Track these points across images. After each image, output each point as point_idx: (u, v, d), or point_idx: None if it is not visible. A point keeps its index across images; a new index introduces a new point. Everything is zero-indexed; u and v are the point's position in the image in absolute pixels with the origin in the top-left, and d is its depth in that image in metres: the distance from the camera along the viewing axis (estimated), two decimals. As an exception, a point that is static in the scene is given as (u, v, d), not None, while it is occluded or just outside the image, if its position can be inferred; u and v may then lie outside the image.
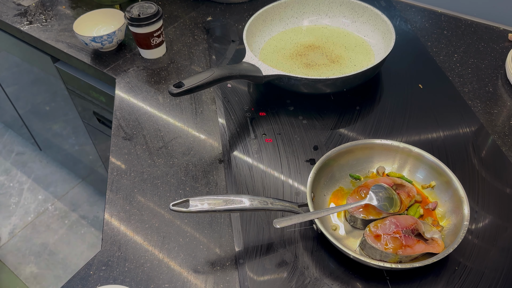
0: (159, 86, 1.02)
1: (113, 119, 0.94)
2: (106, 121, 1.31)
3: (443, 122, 0.89)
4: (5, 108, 1.95)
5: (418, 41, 1.09)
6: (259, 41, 1.06)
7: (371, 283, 0.67)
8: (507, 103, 0.93)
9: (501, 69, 1.01)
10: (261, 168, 0.82)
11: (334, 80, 0.88)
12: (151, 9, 1.00)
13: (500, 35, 1.10)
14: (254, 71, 0.88)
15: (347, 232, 0.72)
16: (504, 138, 0.86)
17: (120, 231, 0.76)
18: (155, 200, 0.80)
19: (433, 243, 0.66)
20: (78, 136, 1.60)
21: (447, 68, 1.02)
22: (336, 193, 0.76)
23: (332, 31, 1.09)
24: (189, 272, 0.70)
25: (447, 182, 0.72)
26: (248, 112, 0.93)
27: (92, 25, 1.14)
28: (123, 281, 0.69)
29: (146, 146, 0.89)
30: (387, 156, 0.78)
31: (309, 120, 0.91)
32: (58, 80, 1.33)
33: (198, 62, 1.08)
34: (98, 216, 1.95)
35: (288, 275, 0.68)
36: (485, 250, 0.69)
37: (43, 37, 1.18)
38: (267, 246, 0.71)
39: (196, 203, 0.66)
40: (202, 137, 0.90)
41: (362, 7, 1.05)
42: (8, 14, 1.27)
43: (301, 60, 1.02)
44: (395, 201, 0.70)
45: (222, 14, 1.22)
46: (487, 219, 0.73)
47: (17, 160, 2.21)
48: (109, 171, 0.85)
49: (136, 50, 1.11)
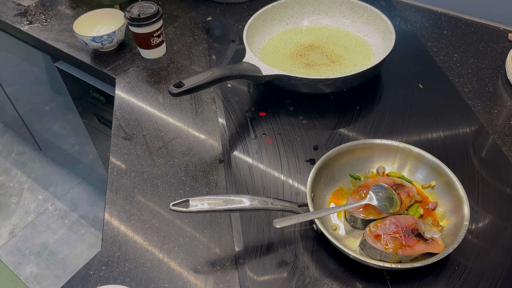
0: (159, 86, 1.02)
1: (113, 119, 0.94)
2: (106, 121, 1.31)
3: (443, 122, 0.89)
4: (5, 108, 1.95)
5: (418, 41, 1.09)
6: (259, 41, 1.06)
7: (371, 283, 0.67)
8: (507, 103, 0.93)
9: (501, 69, 1.01)
10: (261, 168, 0.82)
11: (334, 80, 0.88)
12: (151, 9, 1.00)
13: (500, 35, 1.10)
14: (254, 71, 0.88)
15: (347, 232, 0.72)
16: (504, 138, 0.86)
17: (120, 231, 0.76)
18: (155, 200, 0.80)
19: (433, 243, 0.66)
20: (78, 136, 1.60)
21: (447, 68, 1.02)
22: (336, 193, 0.76)
23: (332, 31, 1.09)
24: (189, 272, 0.70)
25: (447, 182, 0.72)
26: (248, 112, 0.93)
27: (92, 25, 1.14)
28: (123, 281, 0.69)
29: (146, 146, 0.89)
30: (387, 156, 0.78)
31: (309, 120, 0.91)
32: (58, 80, 1.33)
33: (198, 62, 1.08)
34: (98, 216, 1.95)
35: (288, 275, 0.68)
36: (485, 250, 0.69)
37: (43, 37, 1.18)
38: (267, 246, 0.71)
39: (196, 203, 0.66)
40: (202, 137, 0.90)
41: (362, 7, 1.05)
42: (8, 14, 1.26)
43: (301, 60, 1.02)
44: (395, 201, 0.70)
45: (222, 14, 1.22)
46: (487, 219, 0.73)
47: (17, 160, 2.21)
48: (109, 171, 0.85)
49: (136, 50, 1.11)
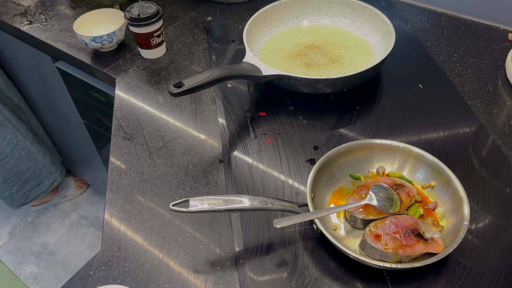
0: (159, 86, 1.02)
1: (113, 119, 0.94)
2: (106, 121, 1.31)
3: (443, 122, 0.89)
4: (5, 108, 1.95)
5: (418, 41, 1.09)
6: (259, 41, 1.06)
7: (371, 283, 0.67)
8: (507, 103, 0.93)
9: (501, 69, 1.01)
10: (261, 168, 0.82)
11: (334, 80, 0.88)
12: (151, 9, 1.00)
13: (500, 35, 1.10)
14: (254, 71, 0.88)
15: (347, 232, 0.72)
16: (504, 138, 0.86)
17: (120, 231, 0.76)
18: (155, 200, 0.80)
19: (433, 243, 0.66)
20: (78, 136, 1.60)
21: (447, 68, 1.02)
22: (336, 193, 0.76)
23: (332, 31, 1.09)
24: (189, 272, 0.70)
25: (447, 182, 0.72)
26: (248, 112, 0.93)
27: (92, 25, 1.14)
28: (123, 281, 0.69)
29: (146, 146, 0.89)
30: (387, 156, 0.78)
31: (309, 120, 0.91)
32: (58, 80, 1.33)
33: (198, 62, 1.08)
34: (98, 216, 1.95)
35: (288, 275, 0.68)
36: (485, 250, 0.69)
37: (43, 37, 1.18)
38: (267, 246, 0.71)
39: (196, 203, 0.66)
40: (202, 137, 0.90)
41: (362, 7, 1.05)
42: (8, 14, 1.26)
43: (301, 60, 1.02)
44: (395, 201, 0.70)
45: (222, 14, 1.22)
46: (487, 219, 0.73)
47: (17, 160, 2.21)
48: (109, 171, 0.85)
49: (136, 50, 1.11)
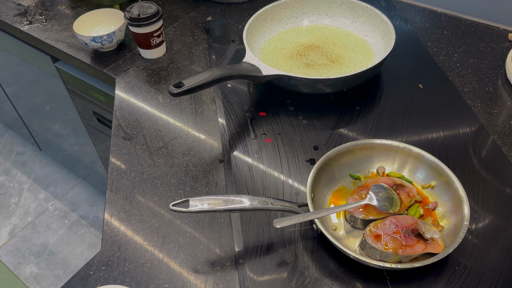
0: (159, 86, 1.02)
1: (113, 119, 0.94)
2: (106, 121, 1.31)
3: (443, 122, 0.89)
4: (5, 108, 1.95)
5: (418, 41, 1.09)
6: (259, 41, 1.06)
7: (371, 283, 0.67)
8: (507, 103, 0.93)
9: (501, 69, 1.01)
10: (261, 168, 0.82)
11: (334, 80, 0.88)
12: (151, 9, 1.00)
13: (500, 35, 1.10)
14: (254, 71, 0.88)
15: (347, 232, 0.72)
16: (504, 138, 0.86)
17: (120, 231, 0.76)
18: (155, 200, 0.80)
19: (433, 243, 0.66)
20: (78, 136, 1.60)
21: (447, 68, 1.02)
22: (336, 193, 0.76)
23: (332, 31, 1.09)
24: (189, 272, 0.70)
25: (447, 182, 0.72)
26: (248, 112, 0.93)
27: (92, 25, 1.14)
28: (123, 281, 0.69)
29: (146, 146, 0.89)
30: (387, 156, 0.78)
31: (309, 120, 0.91)
32: (58, 80, 1.33)
33: (198, 62, 1.08)
34: (98, 216, 1.95)
35: (288, 275, 0.68)
36: (485, 250, 0.69)
37: (43, 37, 1.18)
38: (267, 246, 0.71)
39: (196, 203, 0.66)
40: (202, 137, 0.90)
41: (362, 7, 1.05)
42: (8, 14, 1.26)
43: (301, 60, 1.02)
44: (395, 201, 0.70)
45: (222, 14, 1.22)
46: (487, 219, 0.73)
47: (17, 160, 2.21)
48: (109, 171, 0.85)
49: (136, 50, 1.11)
